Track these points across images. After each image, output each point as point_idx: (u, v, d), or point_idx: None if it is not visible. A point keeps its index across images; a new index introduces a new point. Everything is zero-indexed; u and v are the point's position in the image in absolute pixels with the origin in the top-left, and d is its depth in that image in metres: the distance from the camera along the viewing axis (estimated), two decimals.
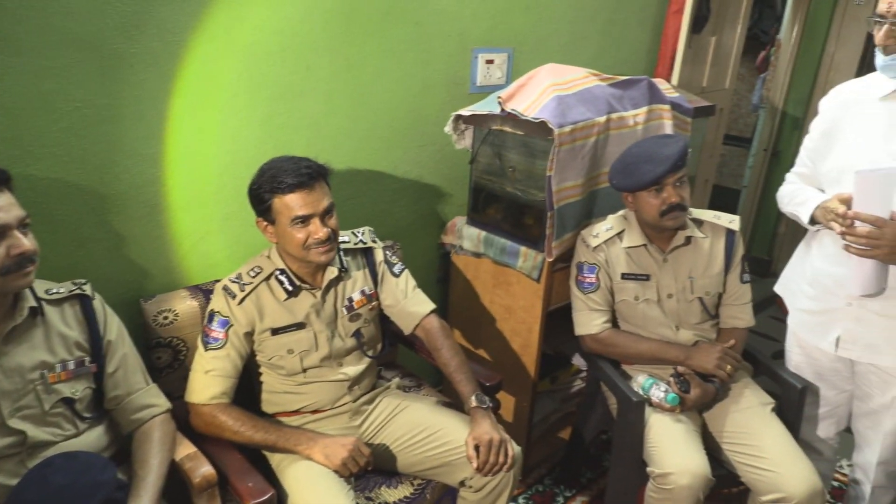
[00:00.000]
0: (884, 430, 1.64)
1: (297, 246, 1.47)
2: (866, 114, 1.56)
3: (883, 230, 1.39)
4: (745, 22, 3.14)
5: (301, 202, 1.44)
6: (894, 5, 1.40)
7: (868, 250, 1.42)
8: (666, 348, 1.80)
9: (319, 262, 1.52)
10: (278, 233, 1.49)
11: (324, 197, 1.47)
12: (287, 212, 1.45)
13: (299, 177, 1.44)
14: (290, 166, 1.44)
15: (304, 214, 1.45)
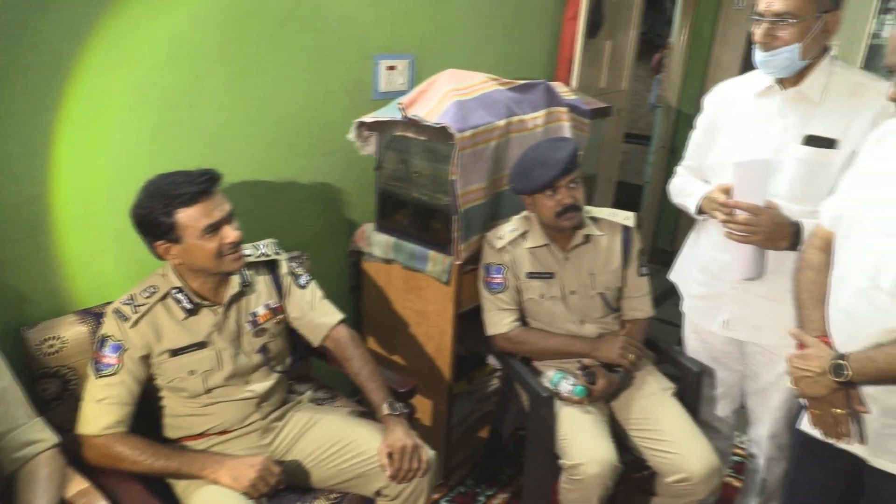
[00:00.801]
0: (772, 406, 1.75)
1: (210, 257, 1.42)
2: (744, 109, 1.66)
3: (760, 217, 1.49)
4: (638, 27, 3.30)
5: (207, 210, 1.40)
6: (773, 5, 1.48)
7: (747, 236, 1.52)
8: (572, 342, 1.86)
9: (233, 270, 1.48)
10: (185, 250, 1.42)
11: (225, 201, 1.44)
12: (195, 224, 1.39)
13: (199, 185, 1.39)
14: (182, 179, 1.39)
15: (215, 221, 1.40)
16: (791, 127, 1.56)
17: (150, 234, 1.41)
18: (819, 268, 1.41)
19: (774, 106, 1.60)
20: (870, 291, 1.23)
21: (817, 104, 1.54)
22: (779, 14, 1.47)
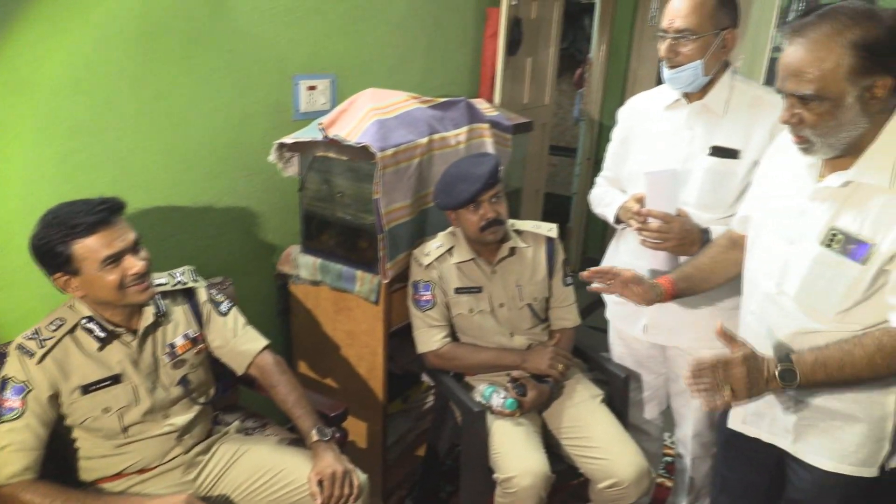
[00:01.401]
0: (694, 406, 1.82)
1: (112, 289, 1.36)
2: (654, 122, 1.74)
3: (671, 225, 1.56)
4: (557, 43, 3.40)
5: (107, 240, 1.34)
6: (675, 21, 1.56)
7: (660, 243, 1.58)
8: (503, 355, 1.88)
9: (140, 302, 1.42)
10: (85, 283, 1.36)
11: (128, 230, 1.38)
12: (94, 255, 1.33)
13: (97, 214, 1.33)
14: (80, 207, 1.33)
15: (116, 252, 1.34)
16: (697, 138, 1.64)
17: (49, 265, 1.34)
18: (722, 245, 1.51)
19: (682, 118, 1.67)
20: (777, 296, 1.30)
21: (721, 116, 1.62)
22: (680, 31, 1.54)
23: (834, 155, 1.20)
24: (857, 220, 1.17)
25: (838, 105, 1.12)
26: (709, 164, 1.61)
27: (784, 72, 1.17)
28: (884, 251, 1.14)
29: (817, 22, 1.12)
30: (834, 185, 1.20)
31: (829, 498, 1.35)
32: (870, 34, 1.09)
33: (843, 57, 1.09)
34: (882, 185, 1.14)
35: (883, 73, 1.10)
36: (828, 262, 1.20)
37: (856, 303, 1.19)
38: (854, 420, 1.27)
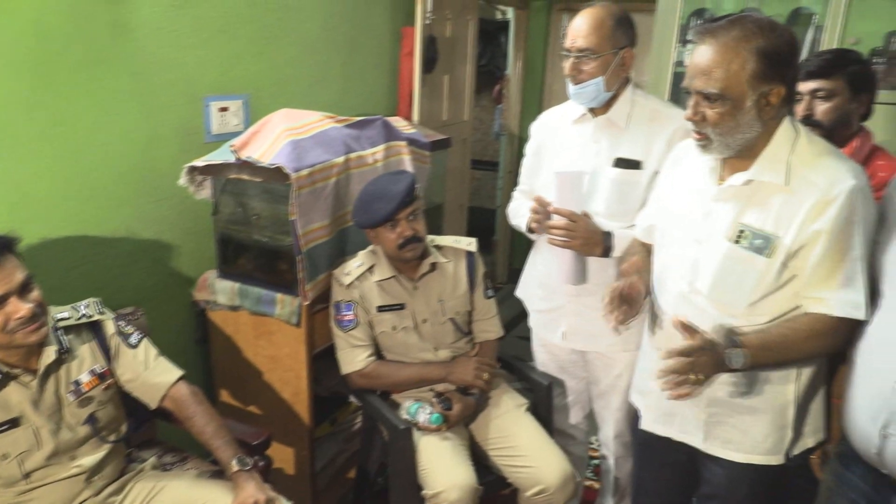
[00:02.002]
0: (613, 407, 1.88)
1: None
2: (564, 136, 1.81)
3: (577, 224, 1.62)
4: (474, 61, 3.48)
5: None
6: (577, 41, 1.64)
7: (567, 241, 1.63)
8: (428, 370, 1.89)
9: (31, 343, 1.34)
10: None
11: (15, 271, 1.30)
12: None
13: None
14: None
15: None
16: (603, 151, 1.72)
17: None
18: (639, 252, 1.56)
19: (588, 132, 1.75)
20: (690, 295, 1.37)
21: (623, 130, 1.70)
22: (582, 50, 1.62)
23: (729, 154, 1.29)
24: (761, 216, 1.26)
25: (738, 106, 1.21)
26: (614, 175, 1.69)
27: (693, 70, 1.25)
28: (787, 244, 1.23)
29: (727, 27, 1.22)
30: (737, 183, 1.29)
31: (740, 489, 1.43)
32: (772, 43, 1.19)
33: (748, 61, 1.19)
34: (779, 183, 1.24)
35: (778, 81, 1.21)
36: (737, 257, 1.28)
37: (764, 295, 1.27)
38: (759, 411, 1.36)
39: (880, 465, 1.15)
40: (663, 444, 1.51)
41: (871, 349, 1.18)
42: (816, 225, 1.20)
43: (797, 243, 1.22)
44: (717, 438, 1.41)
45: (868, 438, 1.15)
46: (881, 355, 1.15)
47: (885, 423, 1.11)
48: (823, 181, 1.20)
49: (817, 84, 1.66)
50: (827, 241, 1.20)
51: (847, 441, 1.23)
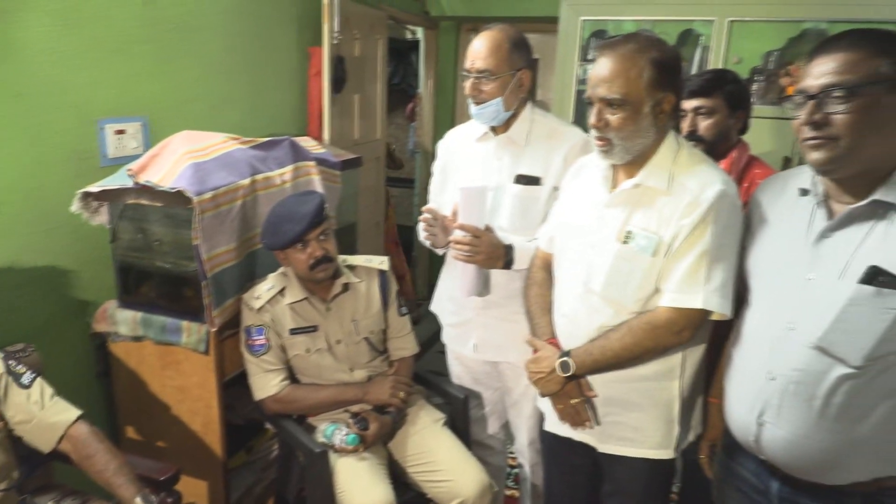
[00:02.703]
0: (525, 415, 1.93)
1: None
2: (468, 153, 1.86)
3: (480, 239, 1.66)
4: (384, 80, 3.50)
5: None
6: (476, 63, 1.70)
7: (470, 256, 1.67)
8: (344, 391, 1.88)
9: None
10: None
11: None
12: None
13: None
14: None
15: None
16: (505, 168, 1.78)
17: None
18: (542, 283, 1.62)
19: (491, 150, 1.80)
20: (585, 296, 1.45)
21: (523, 147, 1.77)
22: (481, 71, 1.68)
23: (627, 159, 1.38)
24: (646, 218, 1.36)
25: (637, 112, 1.32)
26: (516, 191, 1.75)
27: (595, 80, 1.36)
28: (667, 243, 1.33)
29: (625, 41, 1.35)
30: (626, 187, 1.39)
31: (637, 484, 1.51)
32: (663, 55, 1.33)
33: (645, 69, 1.31)
34: (662, 189, 1.35)
35: (670, 90, 1.33)
36: (625, 256, 1.38)
37: (649, 294, 1.37)
38: (647, 407, 1.45)
39: (758, 451, 1.24)
40: (567, 447, 1.58)
41: (744, 345, 1.28)
42: (683, 222, 1.31)
43: (671, 241, 1.33)
44: (611, 437, 1.50)
45: (746, 427, 1.24)
46: (753, 350, 1.25)
47: (760, 412, 1.20)
48: (696, 186, 1.32)
49: (699, 102, 1.79)
50: (684, 238, 1.31)
51: (730, 433, 1.32)
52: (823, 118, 1.08)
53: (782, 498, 1.23)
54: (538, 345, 1.54)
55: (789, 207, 1.24)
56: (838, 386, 1.10)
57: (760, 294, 1.26)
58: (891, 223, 1.07)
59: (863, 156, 1.07)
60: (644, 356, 1.39)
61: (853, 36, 1.09)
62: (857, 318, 1.07)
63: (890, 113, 1.05)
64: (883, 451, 1.11)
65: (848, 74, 1.05)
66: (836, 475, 1.15)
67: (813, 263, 1.14)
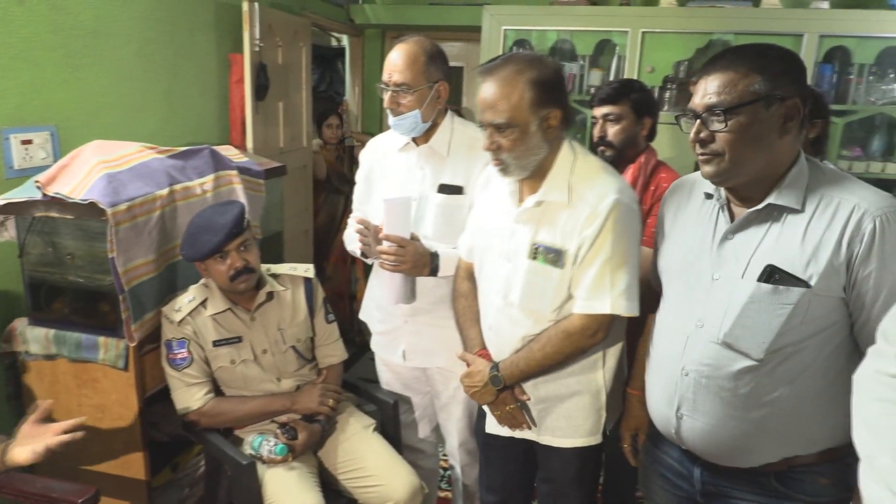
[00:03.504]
0: (455, 418, 1.97)
1: None
2: (391, 162, 1.88)
3: (406, 248, 1.69)
4: (309, 87, 3.48)
5: None
6: (393, 76, 1.72)
7: (397, 266, 1.70)
8: (271, 401, 1.86)
9: None
10: None
11: None
12: None
13: None
14: None
15: None
16: (427, 177, 1.81)
17: None
18: (468, 294, 1.67)
19: (413, 159, 1.83)
20: (506, 308, 1.51)
21: (445, 157, 1.80)
22: (398, 84, 1.70)
23: (526, 176, 1.45)
24: (551, 233, 1.43)
25: (526, 132, 1.38)
26: (439, 201, 1.78)
27: (481, 105, 1.41)
28: (572, 254, 1.40)
29: (502, 64, 1.39)
30: (529, 205, 1.45)
31: (570, 470, 1.60)
32: (541, 74, 1.37)
33: (525, 91, 1.36)
34: (563, 202, 1.41)
35: (554, 105, 1.39)
36: (536, 271, 1.44)
37: (563, 301, 1.44)
38: (577, 397, 1.53)
39: (680, 442, 1.32)
40: (503, 442, 1.65)
41: (660, 342, 1.36)
42: (585, 233, 1.38)
43: (577, 252, 1.40)
44: (547, 429, 1.57)
45: (667, 420, 1.32)
46: (668, 346, 1.32)
47: (677, 405, 1.28)
48: (593, 197, 1.39)
49: (608, 109, 1.89)
50: (588, 248, 1.38)
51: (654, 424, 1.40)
52: (709, 136, 1.16)
53: (704, 483, 1.32)
54: (469, 359, 1.60)
55: (696, 210, 1.32)
56: (743, 377, 1.19)
57: (673, 293, 1.34)
58: (784, 224, 1.16)
59: (747, 168, 1.16)
60: (566, 360, 1.47)
61: (731, 55, 1.16)
62: (757, 314, 1.16)
63: (767, 126, 1.13)
64: (786, 433, 1.20)
65: (725, 95, 1.13)
66: (749, 459, 1.23)
67: (718, 264, 1.22)
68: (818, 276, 1.12)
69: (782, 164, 1.17)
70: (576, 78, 3.62)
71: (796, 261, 1.13)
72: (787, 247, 1.15)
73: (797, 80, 1.15)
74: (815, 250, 1.12)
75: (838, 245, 1.11)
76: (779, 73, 1.13)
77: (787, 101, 1.13)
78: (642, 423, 1.53)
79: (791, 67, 1.15)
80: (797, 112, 1.14)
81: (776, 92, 1.12)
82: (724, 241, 1.22)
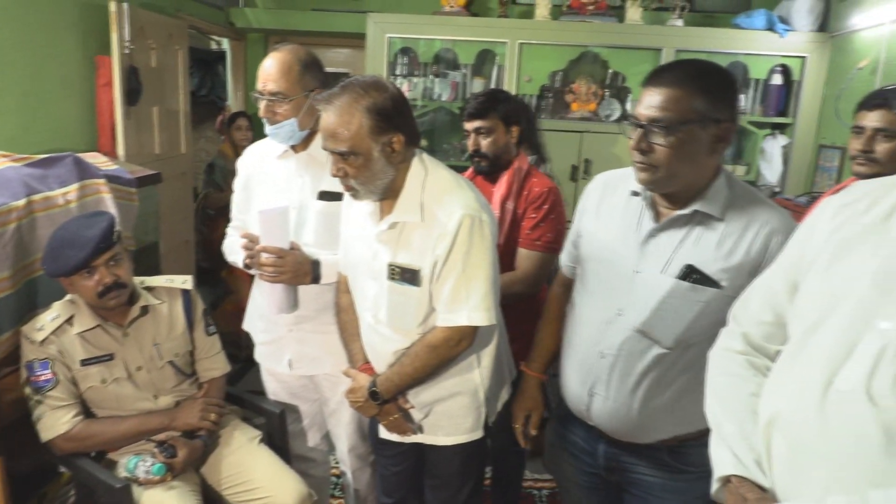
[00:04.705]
0: (345, 423, 1.97)
1: None
2: (270, 170, 1.85)
3: (285, 259, 1.68)
4: (187, 91, 3.35)
5: None
6: (267, 85, 1.70)
7: (277, 276, 1.69)
8: (147, 420, 1.78)
9: None
10: None
11: None
12: None
13: None
14: None
15: None
16: (307, 185, 1.80)
17: None
18: (348, 308, 1.70)
19: (293, 167, 1.82)
20: (376, 326, 1.57)
21: (325, 164, 1.79)
22: (273, 93, 1.69)
23: (376, 199, 1.49)
24: (408, 253, 1.48)
25: (369, 158, 1.41)
26: (319, 208, 1.78)
27: (323, 133, 1.43)
28: (427, 273, 1.46)
29: (340, 93, 1.40)
30: (384, 228, 1.49)
31: (454, 465, 1.67)
32: (378, 101, 1.40)
33: (364, 119, 1.38)
34: (417, 221, 1.46)
35: (395, 130, 1.42)
36: (397, 291, 1.50)
37: (427, 316, 1.51)
38: (457, 396, 1.59)
39: (588, 418, 1.43)
40: (397, 445, 1.70)
41: (580, 328, 1.45)
42: (437, 251, 1.44)
43: (432, 269, 1.46)
44: (431, 429, 1.63)
45: (580, 398, 1.43)
46: (588, 332, 1.42)
47: (591, 385, 1.39)
48: (443, 215, 1.44)
49: (478, 123, 1.97)
50: (442, 265, 1.45)
51: (564, 404, 1.51)
52: (648, 146, 1.25)
53: (607, 457, 1.44)
54: (352, 374, 1.63)
55: (622, 206, 1.40)
56: (653, 363, 1.31)
57: (594, 282, 1.43)
58: (705, 229, 1.28)
59: (679, 179, 1.26)
60: (436, 370, 1.53)
61: (679, 72, 1.25)
62: (672, 307, 1.28)
63: (701, 145, 1.23)
64: (681, 414, 1.33)
65: (668, 112, 1.21)
66: (648, 435, 1.37)
67: (640, 259, 1.33)
68: (728, 279, 1.24)
69: (707, 176, 1.28)
70: (459, 86, 3.74)
71: (711, 264, 1.26)
72: (704, 250, 1.27)
73: (732, 104, 1.26)
74: (728, 257, 1.25)
75: (747, 254, 1.24)
76: (719, 96, 1.22)
77: (723, 124, 1.23)
78: (536, 405, 1.63)
79: (729, 92, 1.25)
80: (728, 135, 1.25)
81: (714, 114, 1.21)
82: (648, 239, 1.33)
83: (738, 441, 0.95)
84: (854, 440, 0.78)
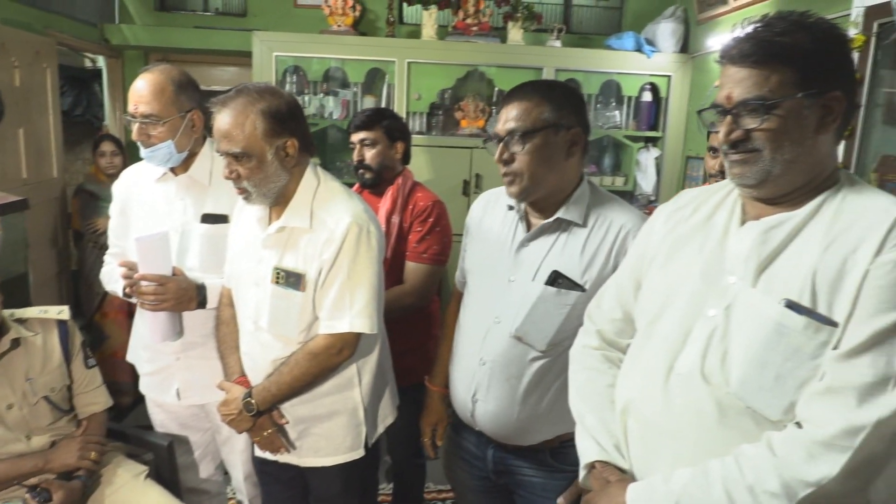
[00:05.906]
0: (238, 450, 1.91)
1: None
2: (148, 194, 1.79)
3: (167, 286, 1.63)
4: (58, 111, 3.16)
5: None
6: (139, 107, 1.63)
7: (158, 304, 1.64)
8: (17, 464, 1.66)
9: None
10: None
11: None
12: None
13: None
14: None
15: None
16: (189, 207, 1.75)
17: None
18: (228, 321, 1.66)
19: (173, 190, 1.76)
20: (256, 333, 1.55)
21: (207, 186, 1.76)
22: (146, 115, 1.64)
23: (269, 203, 1.50)
24: (294, 257, 1.49)
25: (262, 161, 1.43)
26: (203, 231, 1.74)
27: (217, 135, 1.44)
28: (312, 278, 1.48)
29: (235, 96, 1.43)
30: (271, 231, 1.50)
31: (336, 485, 1.66)
32: (273, 105, 1.43)
33: (257, 122, 1.41)
34: (305, 227, 1.48)
35: (289, 134, 1.45)
36: (280, 295, 1.50)
37: (309, 324, 1.51)
38: (335, 417, 1.59)
39: (474, 424, 1.47)
40: (277, 467, 1.66)
41: (463, 336, 1.51)
42: (324, 256, 1.47)
43: (318, 275, 1.48)
44: (308, 450, 1.61)
45: (465, 405, 1.47)
46: (469, 340, 1.48)
47: (474, 391, 1.44)
48: (332, 222, 1.47)
49: (363, 135, 2.03)
50: (327, 271, 1.48)
51: (456, 413, 1.55)
52: (510, 157, 1.34)
53: (496, 461, 1.49)
54: (226, 387, 1.59)
55: (500, 220, 1.48)
56: (529, 367, 1.38)
57: (476, 291, 1.50)
58: (569, 235, 1.37)
59: (542, 186, 1.35)
60: (316, 380, 1.53)
61: (527, 88, 1.37)
62: (543, 312, 1.35)
63: (556, 149, 1.34)
64: (560, 415, 1.38)
65: (522, 122, 1.32)
66: (530, 437, 1.43)
67: (514, 268, 1.40)
68: (591, 282, 1.33)
69: (569, 185, 1.39)
70: (349, 104, 3.76)
71: (576, 268, 1.34)
72: (569, 256, 1.35)
73: (577, 112, 1.37)
74: (591, 260, 1.34)
75: (608, 257, 1.34)
76: (565, 104, 1.34)
77: (572, 130, 1.35)
78: (441, 418, 1.67)
79: (570, 102, 1.37)
80: (580, 139, 1.36)
81: (562, 121, 1.33)
82: (520, 248, 1.40)
83: (599, 430, 1.03)
84: (694, 417, 0.88)
